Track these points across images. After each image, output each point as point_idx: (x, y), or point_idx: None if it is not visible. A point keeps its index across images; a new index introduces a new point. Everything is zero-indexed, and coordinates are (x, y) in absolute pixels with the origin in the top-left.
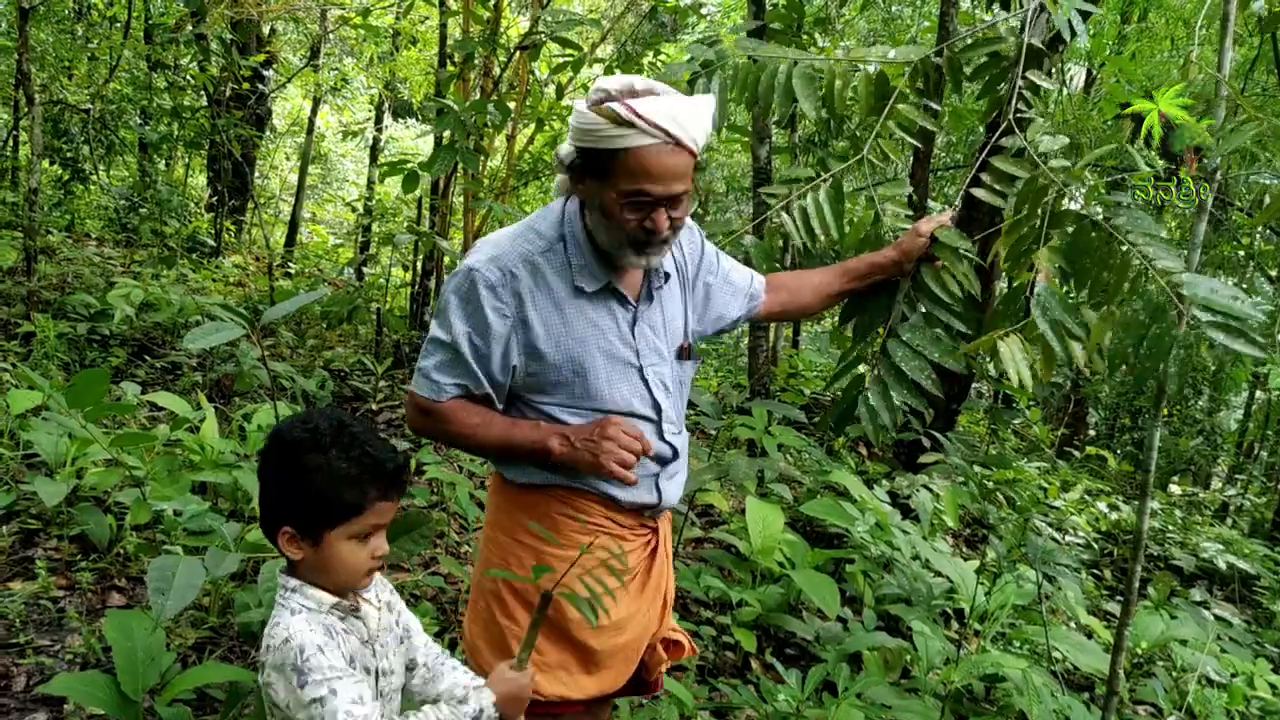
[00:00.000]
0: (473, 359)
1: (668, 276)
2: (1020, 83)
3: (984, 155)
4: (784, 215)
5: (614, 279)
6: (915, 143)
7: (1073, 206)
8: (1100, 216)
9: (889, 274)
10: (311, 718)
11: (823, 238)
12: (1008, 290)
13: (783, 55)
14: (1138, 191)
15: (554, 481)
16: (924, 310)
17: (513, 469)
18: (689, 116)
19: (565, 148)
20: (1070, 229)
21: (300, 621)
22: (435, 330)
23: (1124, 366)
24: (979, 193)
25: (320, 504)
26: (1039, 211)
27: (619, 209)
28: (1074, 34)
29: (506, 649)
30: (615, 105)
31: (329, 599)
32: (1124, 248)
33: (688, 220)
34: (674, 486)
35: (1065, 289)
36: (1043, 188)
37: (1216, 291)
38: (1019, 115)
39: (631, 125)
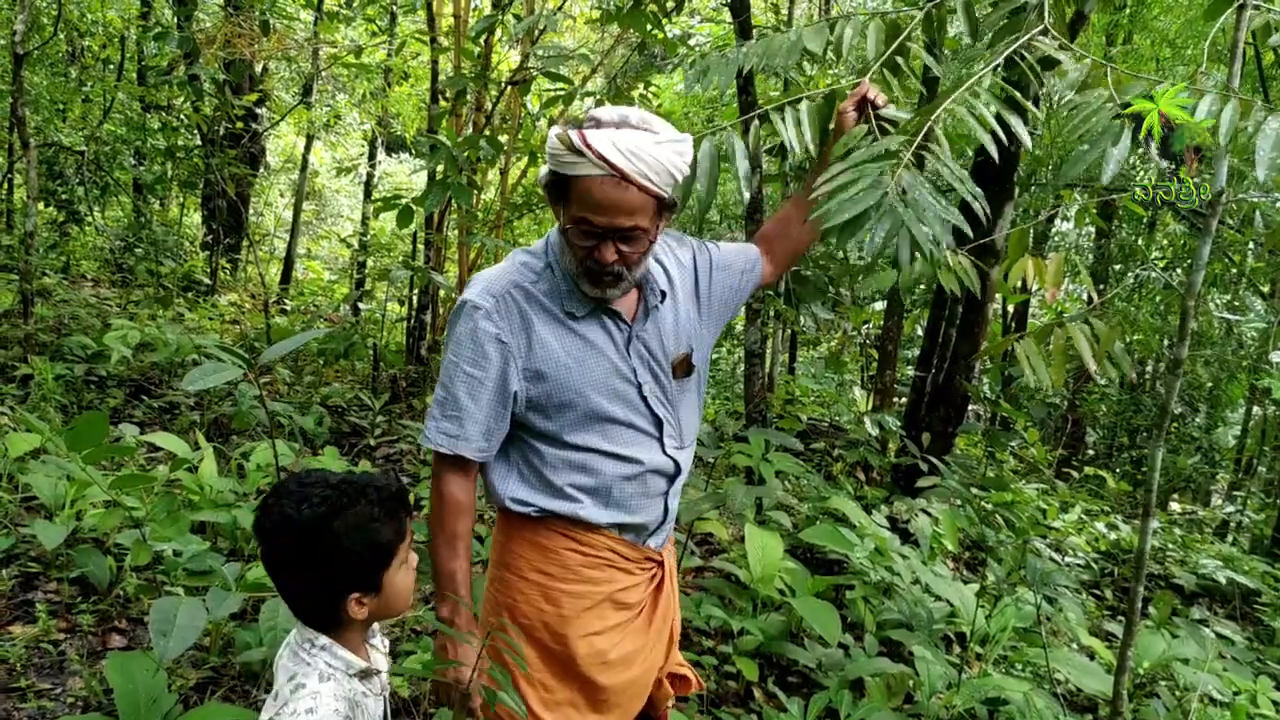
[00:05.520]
0: (465, 394)
1: (664, 295)
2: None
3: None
4: (775, 115)
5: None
6: (918, 83)
7: None
8: None
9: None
10: None
11: (798, 148)
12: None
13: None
14: (1139, 193)
15: (558, 510)
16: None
17: (520, 500)
18: (646, 153)
19: (544, 168)
20: None
21: (329, 693)
22: (442, 370)
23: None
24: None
25: (371, 555)
26: None
27: (570, 236)
28: None
29: (514, 687)
30: (573, 133)
31: (358, 662)
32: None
33: (677, 235)
34: (677, 503)
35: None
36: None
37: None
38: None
39: (580, 154)
